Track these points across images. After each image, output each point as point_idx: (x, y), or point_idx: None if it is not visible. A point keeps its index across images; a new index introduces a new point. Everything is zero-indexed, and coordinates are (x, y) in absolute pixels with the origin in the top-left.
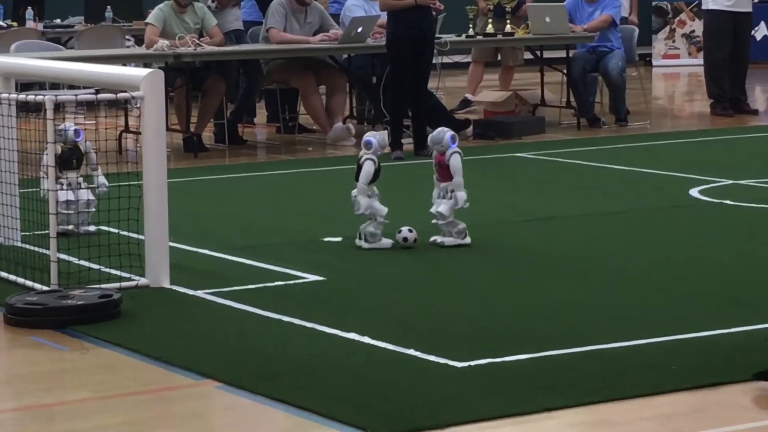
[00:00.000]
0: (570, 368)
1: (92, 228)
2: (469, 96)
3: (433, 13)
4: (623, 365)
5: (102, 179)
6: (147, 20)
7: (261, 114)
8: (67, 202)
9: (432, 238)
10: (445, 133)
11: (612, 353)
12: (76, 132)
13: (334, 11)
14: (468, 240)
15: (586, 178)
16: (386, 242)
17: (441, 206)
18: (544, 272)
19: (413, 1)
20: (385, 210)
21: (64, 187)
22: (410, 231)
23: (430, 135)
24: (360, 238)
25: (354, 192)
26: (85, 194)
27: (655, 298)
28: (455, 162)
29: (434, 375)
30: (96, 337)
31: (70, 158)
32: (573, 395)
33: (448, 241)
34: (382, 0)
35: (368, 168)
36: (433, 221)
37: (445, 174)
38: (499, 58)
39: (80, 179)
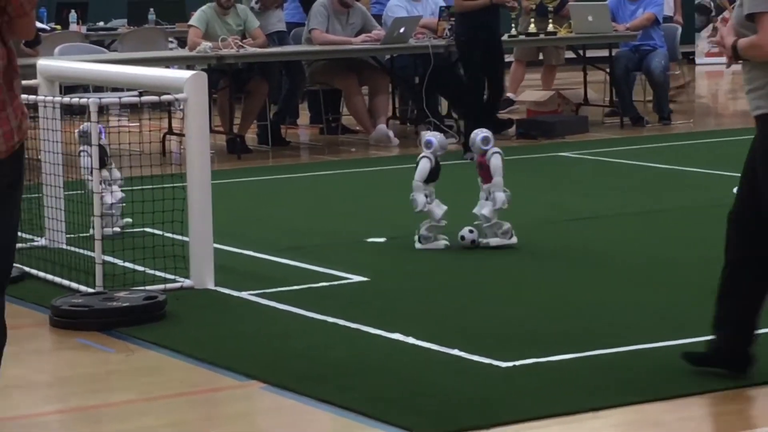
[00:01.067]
0: (615, 368)
1: (123, 222)
2: (510, 95)
3: (511, 14)
4: (668, 365)
5: (116, 173)
6: (190, 22)
7: (304, 115)
8: (111, 205)
9: (477, 240)
10: (477, 135)
11: (657, 353)
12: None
13: (376, 12)
14: (514, 240)
15: (630, 177)
16: (440, 243)
17: (484, 209)
18: (587, 271)
19: (488, 1)
20: (440, 213)
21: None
22: (470, 231)
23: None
24: (417, 240)
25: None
26: (118, 193)
27: (700, 296)
28: (495, 162)
29: (479, 375)
30: (141, 339)
31: (101, 158)
32: (618, 395)
33: (493, 241)
34: (456, 2)
35: (423, 166)
36: (476, 222)
37: (487, 175)
38: (541, 57)
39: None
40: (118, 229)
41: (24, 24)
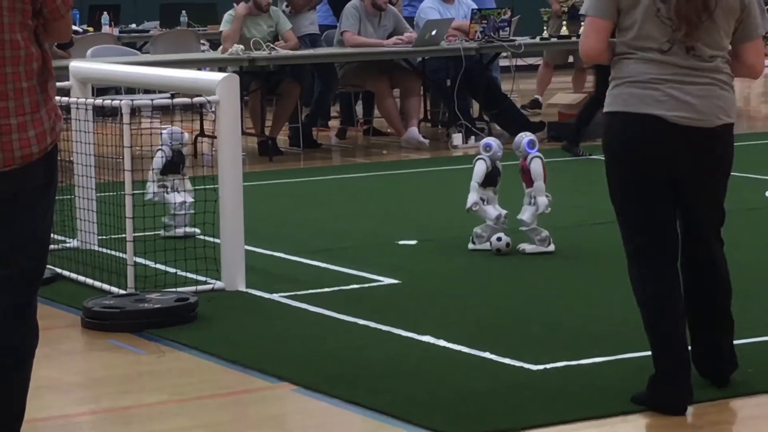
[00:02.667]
0: (646, 371)
1: (191, 230)
2: (538, 97)
3: (543, 16)
4: None
5: (188, 183)
6: (221, 27)
7: (336, 119)
8: (179, 204)
9: (519, 246)
10: (522, 138)
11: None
12: (182, 136)
13: (408, 14)
14: (552, 248)
15: None
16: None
17: (525, 213)
18: (620, 274)
19: None
20: (494, 214)
21: (169, 190)
22: (498, 240)
23: (514, 142)
24: (471, 241)
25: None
26: (189, 197)
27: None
28: (536, 167)
29: (510, 378)
30: (173, 341)
31: (177, 162)
32: None
33: (529, 248)
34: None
35: (478, 167)
36: (521, 227)
37: (529, 179)
38: (571, 60)
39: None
40: (189, 229)
41: (60, 27)
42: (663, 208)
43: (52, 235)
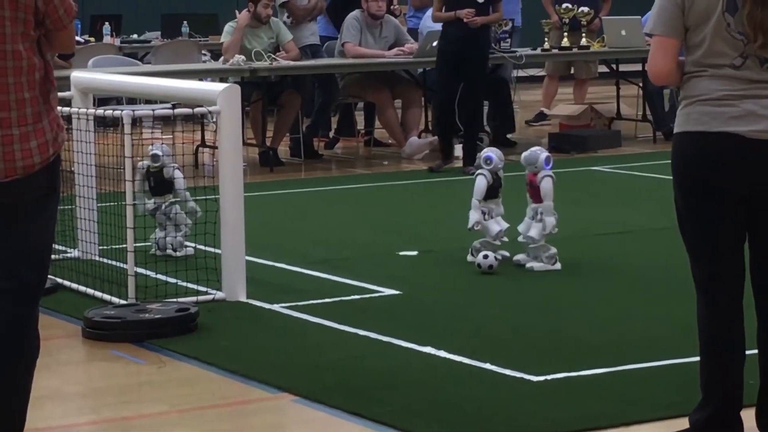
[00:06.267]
0: (648, 382)
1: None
2: (544, 110)
3: (544, 28)
4: None
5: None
6: (222, 39)
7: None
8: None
9: (516, 258)
10: (540, 153)
11: (690, 367)
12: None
13: (414, 25)
14: (558, 266)
15: (663, 191)
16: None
17: (532, 230)
18: (620, 286)
19: (454, 15)
20: (495, 230)
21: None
22: (485, 257)
23: (524, 154)
24: (470, 253)
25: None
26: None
27: None
28: (546, 185)
29: (510, 389)
30: (173, 351)
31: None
32: (650, 409)
33: (537, 266)
34: (433, 13)
35: (479, 183)
36: (519, 239)
37: (536, 195)
38: (572, 71)
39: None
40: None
41: (63, 37)
42: (734, 235)
43: (53, 245)
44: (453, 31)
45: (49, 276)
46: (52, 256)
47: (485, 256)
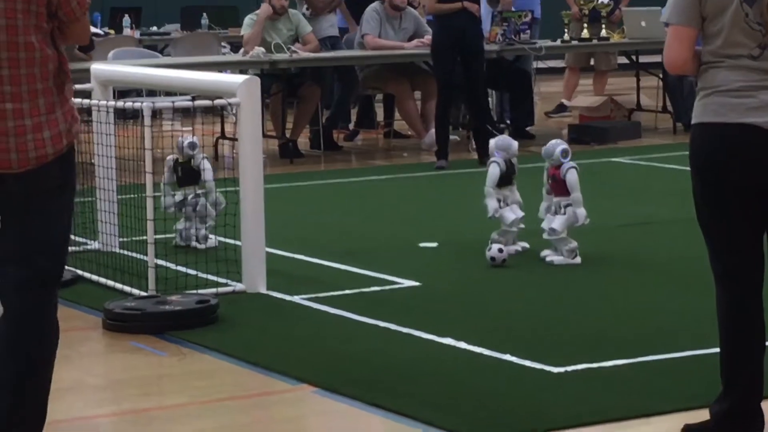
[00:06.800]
0: (667, 374)
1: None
2: (564, 101)
3: (564, 19)
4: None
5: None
6: (242, 31)
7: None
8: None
9: (542, 253)
10: (557, 146)
11: (709, 359)
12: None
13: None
14: (578, 260)
15: (683, 182)
16: (511, 249)
17: (555, 222)
18: (641, 277)
19: (461, 5)
20: (510, 218)
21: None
22: (500, 251)
23: (544, 148)
24: (488, 246)
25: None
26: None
27: None
28: (572, 178)
29: (530, 380)
30: (193, 343)
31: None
32: (670, 401)
33: (557, 260)
34: (429, 4)
35: (492, 171)
36: (544, 236)
37: (559, 188)
38: (592, 62)
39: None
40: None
41: (76, 29)
42: (752, 227)
43: (72, 236)
44: (453, 23)
45: (69, 267)
46: (73, 248)
47: (500, 250)
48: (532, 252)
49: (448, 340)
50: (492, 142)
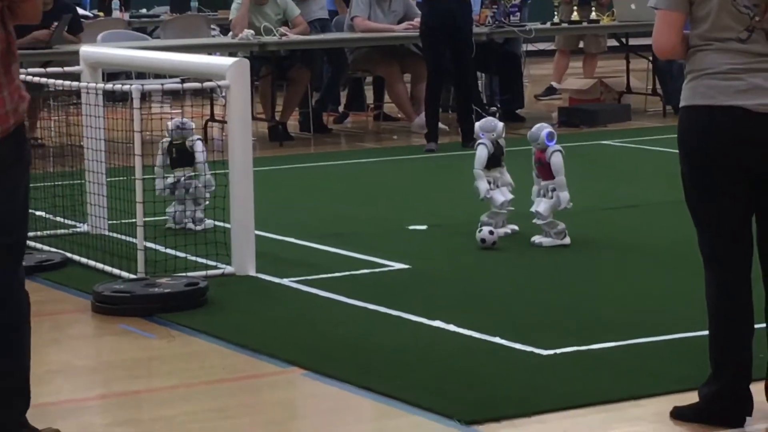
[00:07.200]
0: (657, 356)
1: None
2: (554, 84)
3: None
4: None
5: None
6: (230, 16)
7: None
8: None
9: (532, 239)
10: (542, 129)
11: (700, 341)
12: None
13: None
14: (567, 240)
15: (673, 165)
16: (500, 231)
17: (540, 205)
18: (629, 260)
19: None
20: (500, 200)
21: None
22: (491, 233)
23: (529, 131)
24: (478, 228)
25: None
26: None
27: None
28: (556, 161)
29: (520, 363)
30: (183, 325)
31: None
32: (660, 383)
33: (546, 242)
34: None
35: (480, 153)
36: (534, 220)
37: (545, 172)
38: (581, 45)
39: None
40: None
41: (27, 8)
42: (741, 210)
43: (62, 219)
44: (443, 6)
45: (58, 250)
46: (61, 231)
47: (491, 232)
48: (521, 235)
49: (437, 323)
50: (477, 124)
